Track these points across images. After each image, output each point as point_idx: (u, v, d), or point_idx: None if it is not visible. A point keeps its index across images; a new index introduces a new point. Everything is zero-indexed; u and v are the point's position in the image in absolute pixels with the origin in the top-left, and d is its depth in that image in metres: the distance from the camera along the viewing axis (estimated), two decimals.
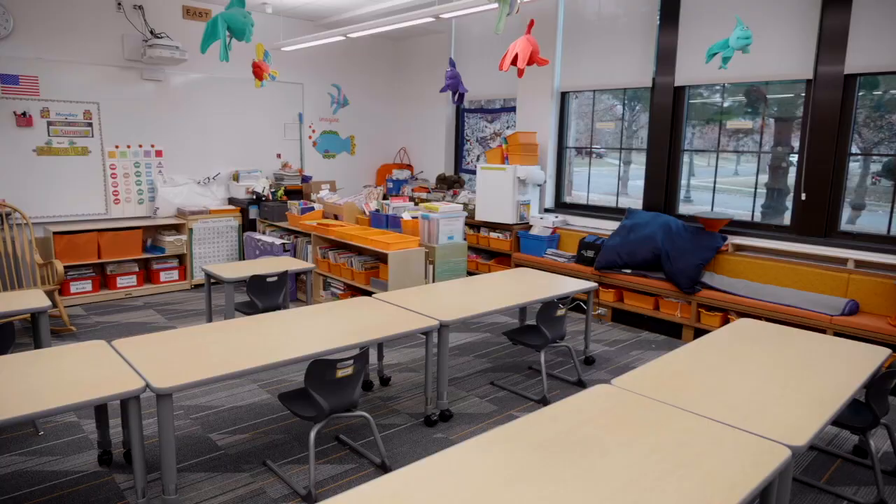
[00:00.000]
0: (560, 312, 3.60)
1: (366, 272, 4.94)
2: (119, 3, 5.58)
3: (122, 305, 5.42)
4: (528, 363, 4.19)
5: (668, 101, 5.16)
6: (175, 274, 5.95)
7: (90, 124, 5.58)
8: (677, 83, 5.09)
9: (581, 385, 3.82)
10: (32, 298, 3.41)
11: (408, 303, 3.44)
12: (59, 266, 4.57)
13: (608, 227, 5.60)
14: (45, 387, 2.19)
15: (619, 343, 4.67)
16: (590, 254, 5.35)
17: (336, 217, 5.88)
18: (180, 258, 6.01)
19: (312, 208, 5.83)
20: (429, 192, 7.07)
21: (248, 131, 6.67)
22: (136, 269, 5.75)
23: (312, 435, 2.58)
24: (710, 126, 5.11)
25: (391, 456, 2.93)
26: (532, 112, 6.21)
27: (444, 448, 1.78)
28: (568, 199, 6.26)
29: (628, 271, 5.04)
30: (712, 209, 5.14)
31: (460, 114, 7.43)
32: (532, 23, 4.12)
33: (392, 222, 5.37)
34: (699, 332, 4.59)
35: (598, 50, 5.66)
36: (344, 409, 2.67)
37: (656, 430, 1.93)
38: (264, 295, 4.16)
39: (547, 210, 6.25)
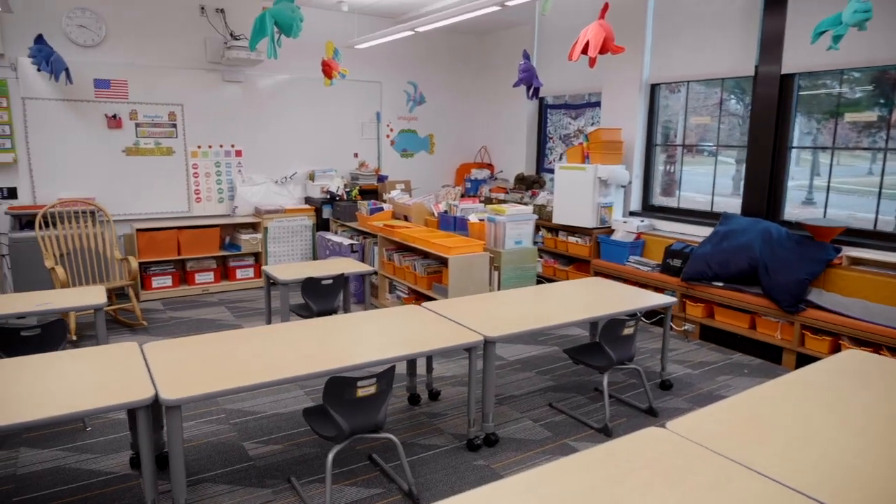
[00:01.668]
0: (628, 331, 3.19)
1: (428, 277, 4.72)
2: (202, 8, 5.74)
3: (197, 301, 5.57)
4: (595, 383, 3.79)
5: (774, 91, 4.51)
6: (251, 272, 6.05)
7: (174, 125, 5.78)
8: (785, 71, 4.44)
9: (652, 414, 3.37)
10: (93, 295, 3.49)
11: (457, 313, 3.17)
12: (134, 262, 4.73)
13: (701, 233, 5.02)
14: (58, 390, 2.14)
15: (705, 365, 4.14)
16: (676, 263, 4.81)
17: (406, 218, 5.72)
18: (256, 256, 6.10)
19: (381, 208, 5.70)
20: (506, 192, 6.75)
21: (326, 131, 6.68)
22: (214, 266, 5.90)
23: (330, 457, 2.38)
24: (831, 119, 4.40)
25: (423, 483, 2.67)
26: (618, 107, 5.71)
27: (483, 478, 1.50)
28: (658, 202, 5.71)
29: (720, 284, 4.46)
30: (825, 214, 4.44)
31: (543, 110, 7.04)
32: (606, 6, 3.70)
33: (460, 225, 5.11)
34: (803, 358, 3.96)
35: (692, 36, 5.08)
36: (367, 431, 2.45)
37: (711, 495, 1.53)
38: (319, 298, 4.06)
39: (632, 213, 5.74)
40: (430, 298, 4.65)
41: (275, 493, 2.59)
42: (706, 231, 4.93)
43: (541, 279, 6.06)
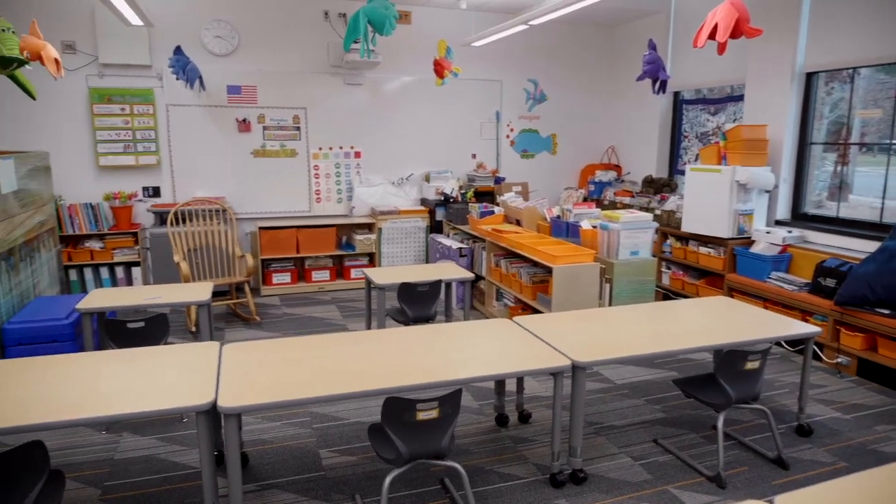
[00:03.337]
0: (751, 365, 2.68)
1: (533, 286, 4.43)
2: (326, 13, 5.90)
3: (312, 298, 5.74)
4: (715, 419, 3.27)
5: None
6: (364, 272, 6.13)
7: (298, 128, 6.01)
8: None
9: (781, 465, 2.81)
10: (200, 291, 3.66)
11: (550, 330, 2.88)
12: (251, 260, 4.95)
13: (865, 248, 4.21)
14: (127, 388, 2.18)
15: (860, 409, 3.42)
16: (829, 283, 4.07)
17: (517, 222, 5.46)
18: (370, 257, 6.17)
19: (492, 212, 5.48)
20: (632, 196, 6.22)
21: (444, 131, 6.59)
22: (330, 265, 6.05)
23: (387, 481, 2.22)
24: None
25: None
26: (764, 100, 4.99)
27: None
28: (813, 210, 4.91)
29: (885, 311, 3.69)
30: None
31: (678, 106, 6.39)
32: None
33: (572, 231, 4.75)
34: None
35: (862, 14, 4.27)
36: (429, 457, 2.26)
37: None
38: (415, 304, 3.94)
39: (778, 222, 4.98)
40: (536, 310, 4.36)
41: None
42: (872, 246, 4.12)
43: (667, 293, 5.49)
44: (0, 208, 3.60)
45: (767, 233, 4.73)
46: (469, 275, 4.14)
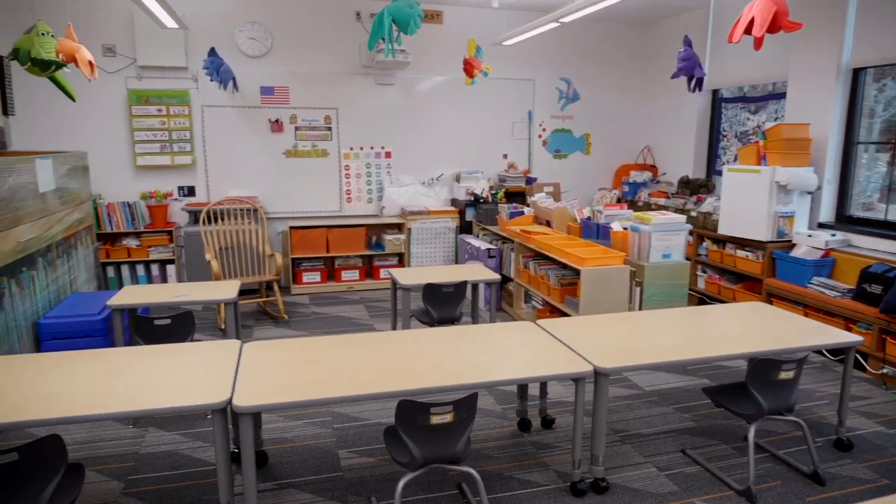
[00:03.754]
0: (785, 375, 2.56)
1: (561, 289, 4.34)
2: (358, 14, 5.92)
3: (341, 298, 5.76)
4: (746, 431, 3.13)
5: None
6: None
7: (329, 128, 6.05)
8: None
9: (817, 481, 2.67)
10: (227, 289, 3.70)
11: (573, 334, 2.81)
12: (279, 259, 5.00)
13: None
14: (146, 384, 2.21)
15: None
16: (875, 289, 3.86)
17: (547, 224, 5.37)
18: (399, 257, 6.17)
19: (522, 212, 5.41)
20: (668, 197, 6.06)
21: (475, 131, 6.55)
22: (360, 265, 6.07)
23: (400, 485, 2.18)
24: None
25: None
26: (807, 97, 4.78)
27: None
28: (858, 213, 4.68)
29: None
30: None
31: (717, 105, 6.19)
32: None
33: (603, 233, 4.64)
34: None
35: None
36: (444, 461, 2.21)
37: None
38: (439, 305, 3.90)
39: (821, 225, 4.77)
40: (564, 313, 4.27)
41: None
42: None
43: (702, 297, 5.32)
44: (38, 206, 3.72)
45: (809, 236, 4.53)
46: (495, 276, 4.09)
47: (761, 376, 2.57)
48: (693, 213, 5.42)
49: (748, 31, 2.99)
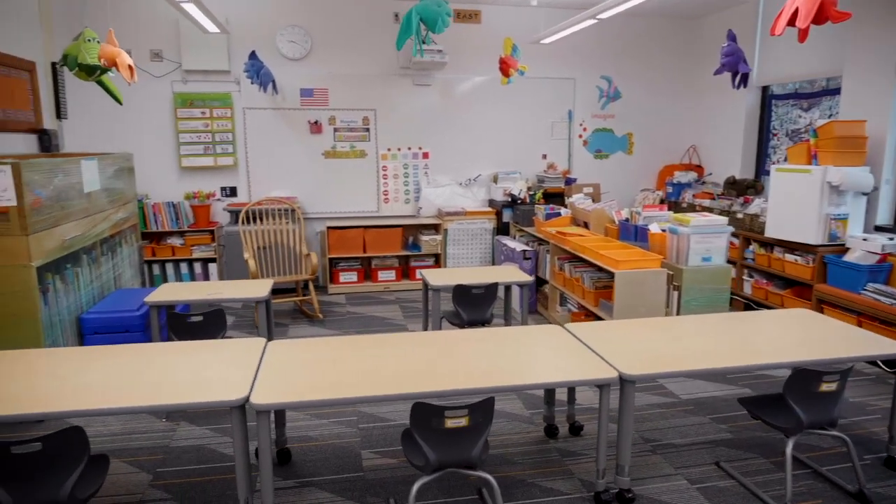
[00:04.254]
0: (827, 387, 2.40)
1: (596, 292, 4.23)
2: (396, 15, 5.94)
3: (377, 298, 5.79)
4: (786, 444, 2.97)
5: None
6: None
7: (367, 129, 6.09)
8: None
9: (863, 500, 2.50)
10: (260, 288, 3.76)
11: (602, 339, 2.72)
12: (314, 259, 5.06)
13: None
14: (172, 379, 2.25)
15: None
16: None
17: (585, 225, 5.25)
18: (436, 258, 6.16)
19: (559, 213, 5.31)
20: (713, 198, 5.84)
21: (514, 131, 6.47)
22: (396, 265, 6.09)
23: (414, 488, 2.15)
24: None
25: None
26: (863, 93, 4.52)
27: None
28: None
29: None
30: None
31: (767, 102, 5.93)
32: None
33: (641, 235, 4.51)
34: None
35: None
36: (459, 466, 2.17)
37: None
38: (470, 307, 3.86)
39: (878, 228, 4.50)
40: (599, 317, 4.16)
41: None
42: None
43: (748, 302, 5.10)
44: (83, 205, 3.87)
45: (864, 240, 4.27)
46: (527, 278, 4.01)
47: (800, 388, 2.42)
48: (739, 216, 5.20)
49: (791, 22, 2.83)
